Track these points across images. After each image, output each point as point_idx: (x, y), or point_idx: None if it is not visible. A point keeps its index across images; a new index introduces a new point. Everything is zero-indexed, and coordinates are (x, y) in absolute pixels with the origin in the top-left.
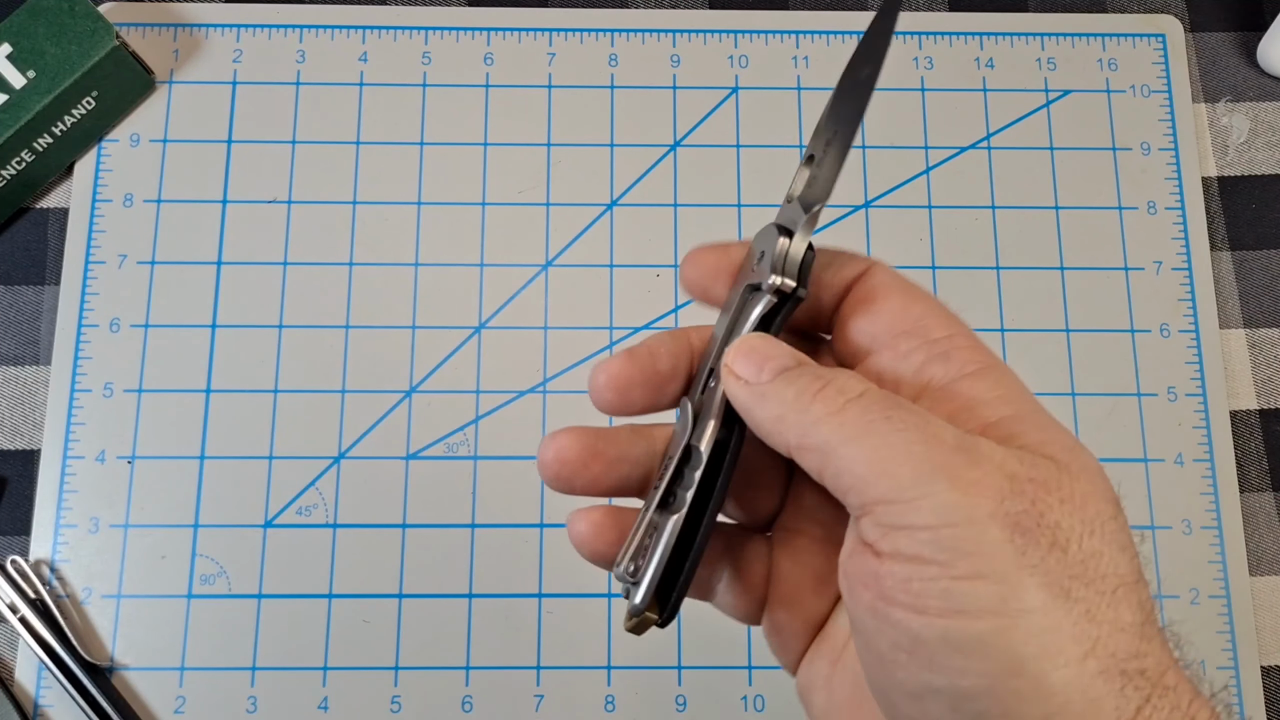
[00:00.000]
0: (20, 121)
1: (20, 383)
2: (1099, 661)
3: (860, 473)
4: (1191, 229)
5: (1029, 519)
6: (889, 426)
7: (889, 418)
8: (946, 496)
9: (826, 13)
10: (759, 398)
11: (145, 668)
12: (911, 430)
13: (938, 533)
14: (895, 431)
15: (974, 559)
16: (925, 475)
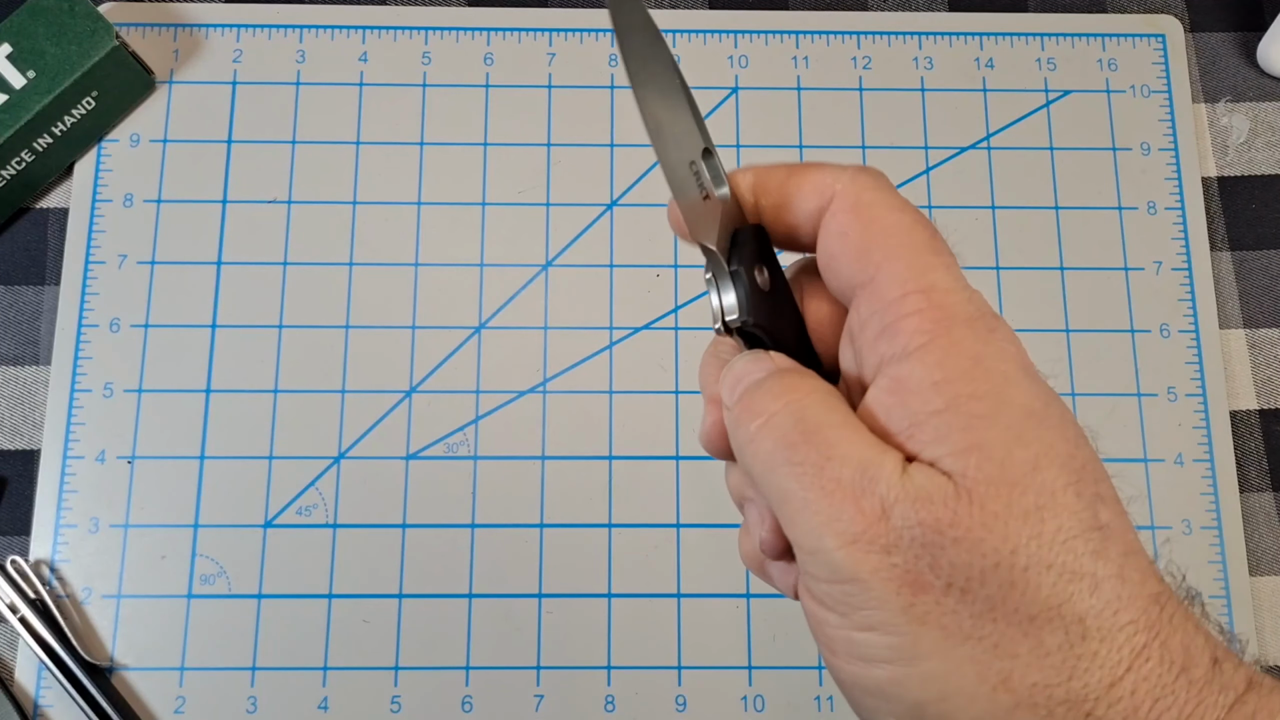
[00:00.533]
0: (20, 121)
1: (20, 383)
2: (1013, 695)
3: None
4: (1191, 229)
5: (920, 565)
6: (788, 472)
7: (790, 460)
8: (834, 555)
9: (826, 13)
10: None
11: (145, 668)
12: (808, 475)
13: (832, 587)
14: (793, 478)
15: (865, 613)
16: (816, 529)
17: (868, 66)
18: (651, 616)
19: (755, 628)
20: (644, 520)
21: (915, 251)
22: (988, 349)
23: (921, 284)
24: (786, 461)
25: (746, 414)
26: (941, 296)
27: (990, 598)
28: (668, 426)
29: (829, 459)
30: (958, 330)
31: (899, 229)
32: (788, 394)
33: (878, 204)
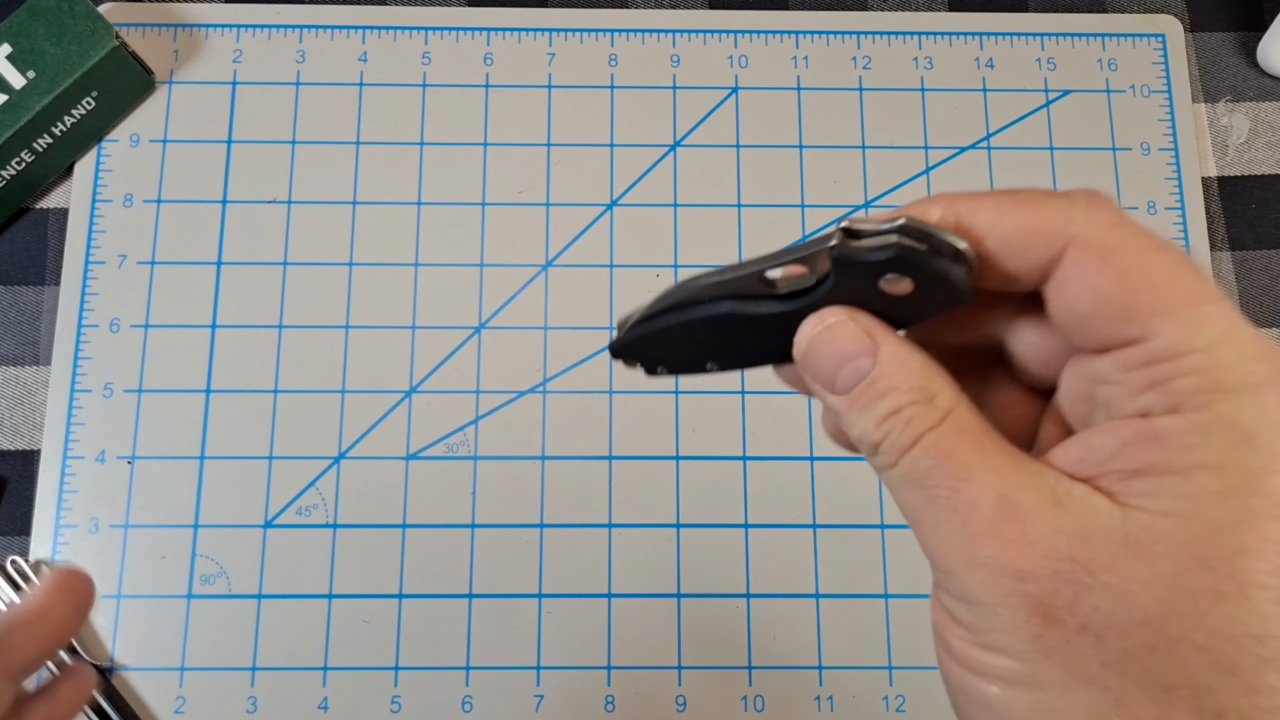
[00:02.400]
0: (20, 121)
1: (20, 383)
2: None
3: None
4: (1191, 229)
5: (1057, 600)
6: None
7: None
8: (963, 578)
9: (826, 13)
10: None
11: (145, 668)
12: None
13: (959, 604)
14: (929, 501)
15: (990, 634)
16: (948, 549)
17: (868, 66)
18: (652, 616)
19: (755, 628)
20: (644, 520)
21: (1189, 303)
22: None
23: (1201, 342)
24: (915, 483)
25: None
26: (1223, 355)
27: (1126, 652)
28: (668, 426)
29: (964, 482)
30: (1241, 398)
31: (1162, 278)
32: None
33: (1127, 247)
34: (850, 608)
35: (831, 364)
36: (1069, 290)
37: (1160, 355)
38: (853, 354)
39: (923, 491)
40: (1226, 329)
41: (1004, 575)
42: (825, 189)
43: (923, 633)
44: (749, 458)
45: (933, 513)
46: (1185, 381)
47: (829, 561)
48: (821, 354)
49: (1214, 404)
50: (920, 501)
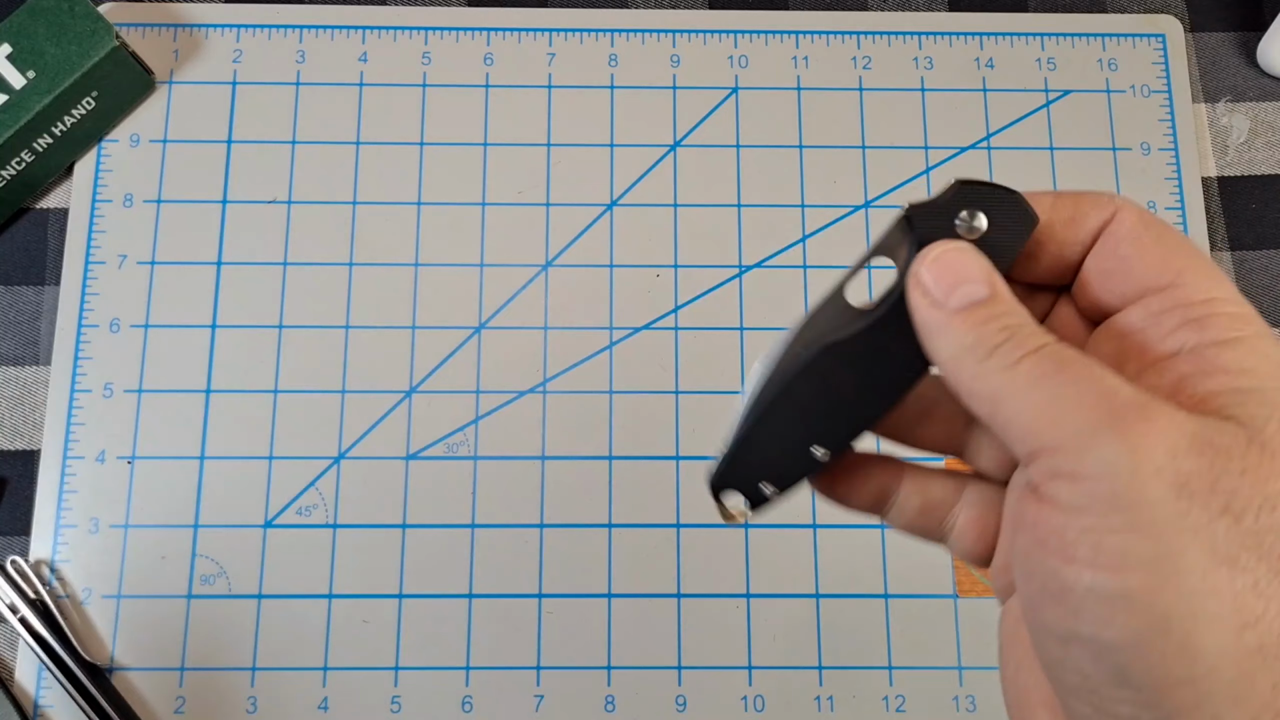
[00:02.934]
0: (20, 121)
1: (20, 383)
2: (1258, 637)
3: (1027, 422)
4: (1191, 229)
5: (1200, 481)
6: (1063, 378)
7: (1062, 370)
8: (1111, 448)
9: (826, 13)
10: (940, 328)
11: (145, 668)
12: (1085, 383)
13: (1098, 484)
14: (1069, 383)
15: (1130, 513)
16: (1093, 425)
17: (868, 66)
18: (651, 616)
19: (755, 628)
20: (644, 520)
21: (1208, 264)
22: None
23: (1227, 292)
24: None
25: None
26: (1245, 304)
27: (1260, 534)
28: (668, 426)
29: (1106, 375)
30: (1269, 338)
31: (1190, 244)
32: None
33: (1161, 222)
34: (850, 608)
35: (951, 280)
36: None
37: (1192, 298)
38: (973, 277)
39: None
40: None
41: (1158, 449)
42: (825, 189)
43: (923, 633)
44: None
45: (1072, 395)
46: (1222, 321)
47: (829, 561)
48: (945, 269)
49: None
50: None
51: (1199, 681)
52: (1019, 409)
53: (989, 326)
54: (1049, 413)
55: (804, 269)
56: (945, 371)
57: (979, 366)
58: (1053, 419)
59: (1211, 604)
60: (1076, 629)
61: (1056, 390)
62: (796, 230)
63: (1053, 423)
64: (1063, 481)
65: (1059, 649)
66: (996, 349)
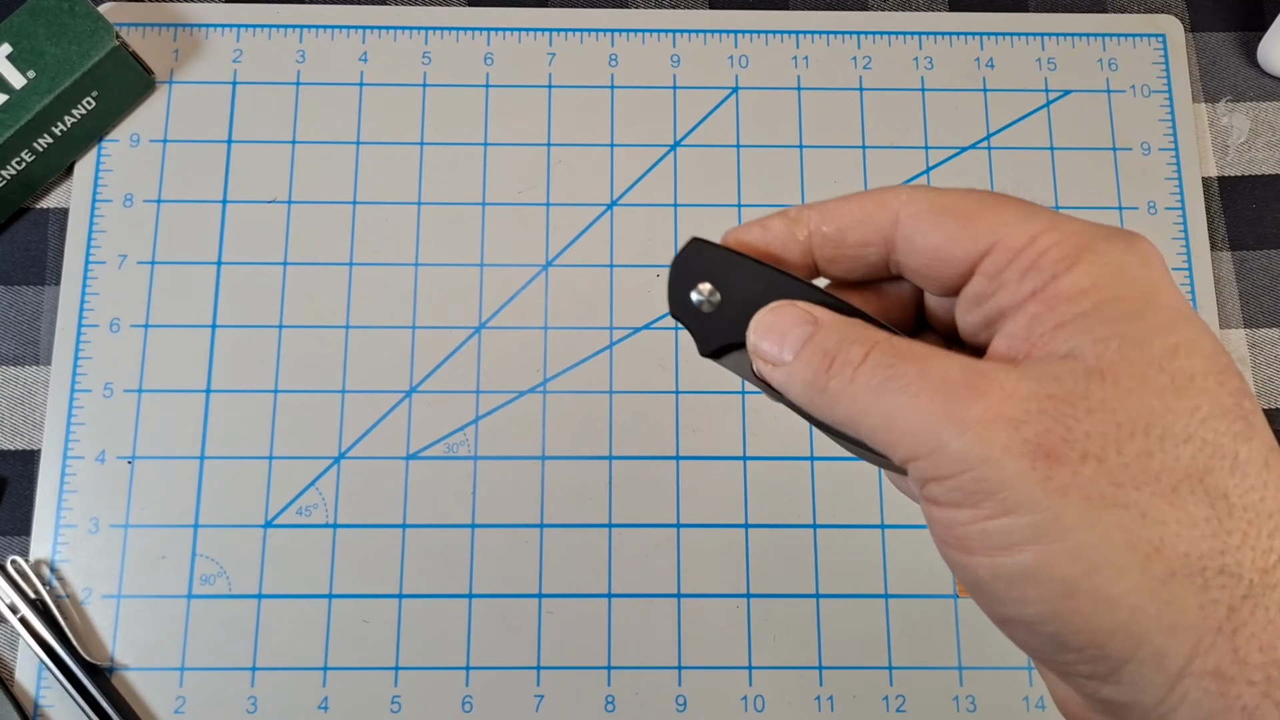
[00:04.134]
0: (20, 121)
1: (20, 383)
2: (1165, 564)
3: (883, 437)
4: (1191, 229)
5: (1052, 437)
6: (894, 387)
7: (891, 377)
8: (957, 442)
9: (826, 13)
10: (788, 380)
11: (145, 668)
12: (913, 383)
13: (960, 479)
14: (899, 391)
15: (998, 497)
16: (933, 427)
17: (868, 66)
18: (651, 616)
19: (755, 628)
20: (644, 520)
21: (1016, 206)
22: (1131, 258)
23: (1045, 223)
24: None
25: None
26: (1069, 224)
27: (1128, 466)
28: (668, 426)
29: (932, 364)
30: (1099, 245)
31: (986, 198)
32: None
33: (947, 194)
34: (850, 608)
35: (778, 336)
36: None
37: (1019, 246)
38: (790, 321)
39: (891, 386)
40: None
41: (998, 427)
42: (825, 189)
43: (923, 633)
44: (749, 458)
45: (909, 398)
46: (1051, 254)
47: (829, 561)
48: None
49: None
50: (892, 398)
51: (1128, 626)
52: (872, 425)
53: (815, 356)
54: (895, 425)
55: None
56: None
57: (827, 398)
58: (900, 431)
59: (1104, 553)
60: (1003, 613)
61: (893, 400)
62: None
63: (902, 434)
64: (933, 484)
65: (1005, 630)
66: (830, 373)
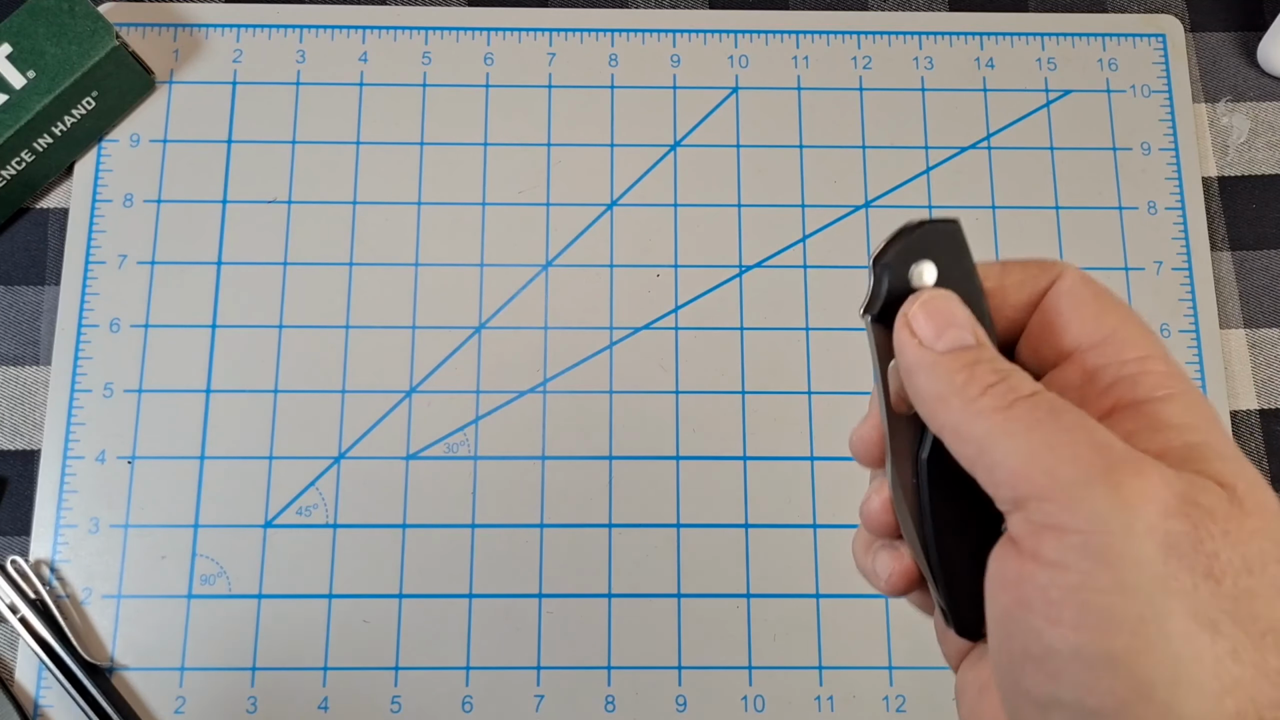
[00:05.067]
0: (20, 121)
1: (20, 383)
2: (1237, 703)
3: (1016, 467)
4: (1191, 229)
5: (1186, 542)
6: (1056, 425)
7: (1057, 418)
8: (1104, 502)
9: (826, 13)
10: (928, 366)
11: (145, 668)
12: (1079, 432)
13: (1088, 538)
14: (1062, 431)
15: (1118, 572)
16: (1086, 477)
17: (868, 66)
18: (651, 616)
19: (755, 628)
20: (644, 520)
21: (1142, 324)
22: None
23: (1159, 350)
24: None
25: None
26: (1176, 365)
27: (1238, 598)
28: (668, 426)
29: (1096, 428)
30: (1198, 394)
31: (1124, 305)
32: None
33: (1099, 284)
34: (850, 608)
35: (940, 323)
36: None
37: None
38: (960, 322)
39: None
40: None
41: (1150, 507)
42: (825, 189)
43: (923, 632)
44: (749, 458)
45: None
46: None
47: (829, 561)
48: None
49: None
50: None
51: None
52: (1009, 451)
53: (981, 368)
54: (1042, 459)
55: (804, 269)
56: (928, 411)
57: (970, 406)
58: (1045, 466)
59: (1194, 669)
60: (1058, 694)
61: (1050, 437)
62: (796, 230)
63: (1045, 470)
64: (1049, 534)
65: (1037, 715)
66: (990, 389)
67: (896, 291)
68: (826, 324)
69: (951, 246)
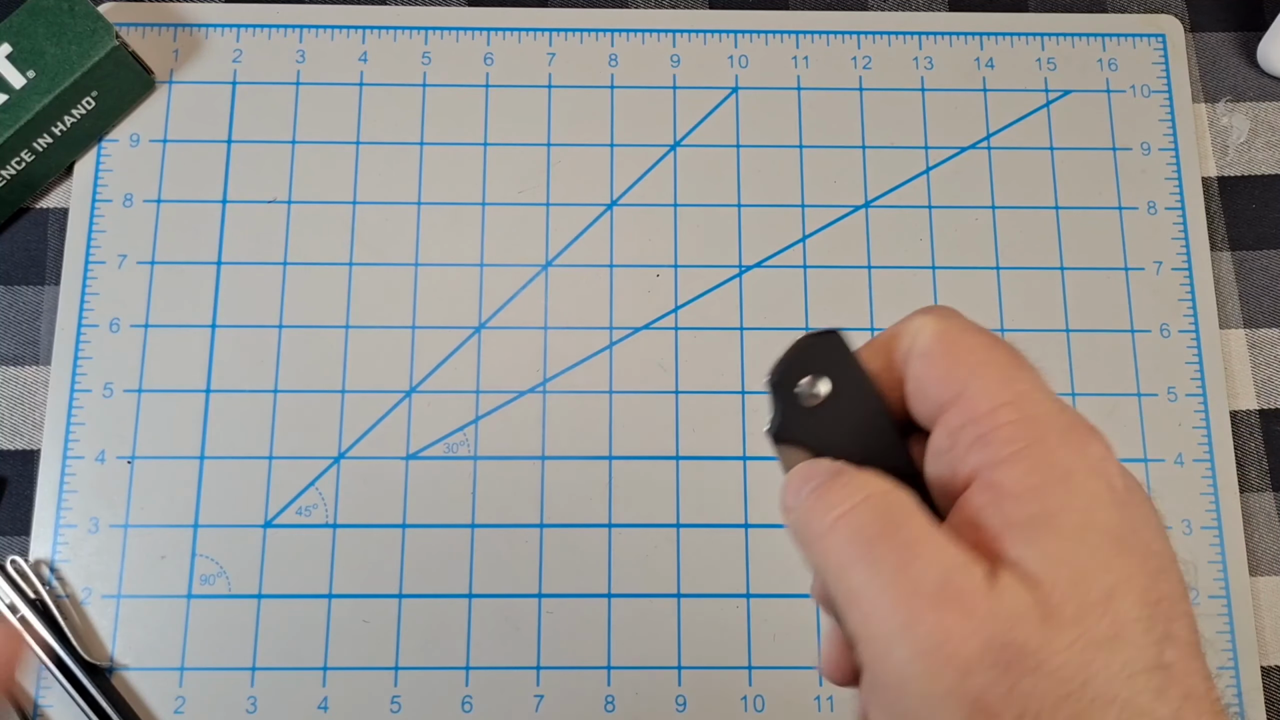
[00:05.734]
0: (20, 121)
1: (20, 383)
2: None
3: (842, 604)
4: (1191, 229)
5: (995, 693)
6: (864, 571)
7: (868, 556)
8: (907, 668)
9: (826, 13)
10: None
11: (145, 668)
12: (886, 575)
13: (895, 699)
14: (870, 577)
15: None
16: (890, 637)
17: (868, 66)
18: (651, 616)
19: (755, 628)
20: (644, 520)
21: (999, 367)
22: (1080, 463)
23: (1010, 395)
24: (863, 559)
25: (820, 505)
26: (1032, 406)
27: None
28: (668, 426)
29: (913, 559)
30: (1051, 440)
31: (979, 347)
32: (868, 488)
33: (954, 329)
34: None
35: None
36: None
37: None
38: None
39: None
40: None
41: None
42: (825, 189)
43: None
44: (749, 458)
45: (877, 583)
46: (1003, 433)
47: None
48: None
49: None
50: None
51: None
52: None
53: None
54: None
55: (804, 269)
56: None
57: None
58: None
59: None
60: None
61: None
62: (796, 230)
63: (859, 618)
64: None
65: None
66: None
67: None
68: (826, 323)
69: (836, 354)
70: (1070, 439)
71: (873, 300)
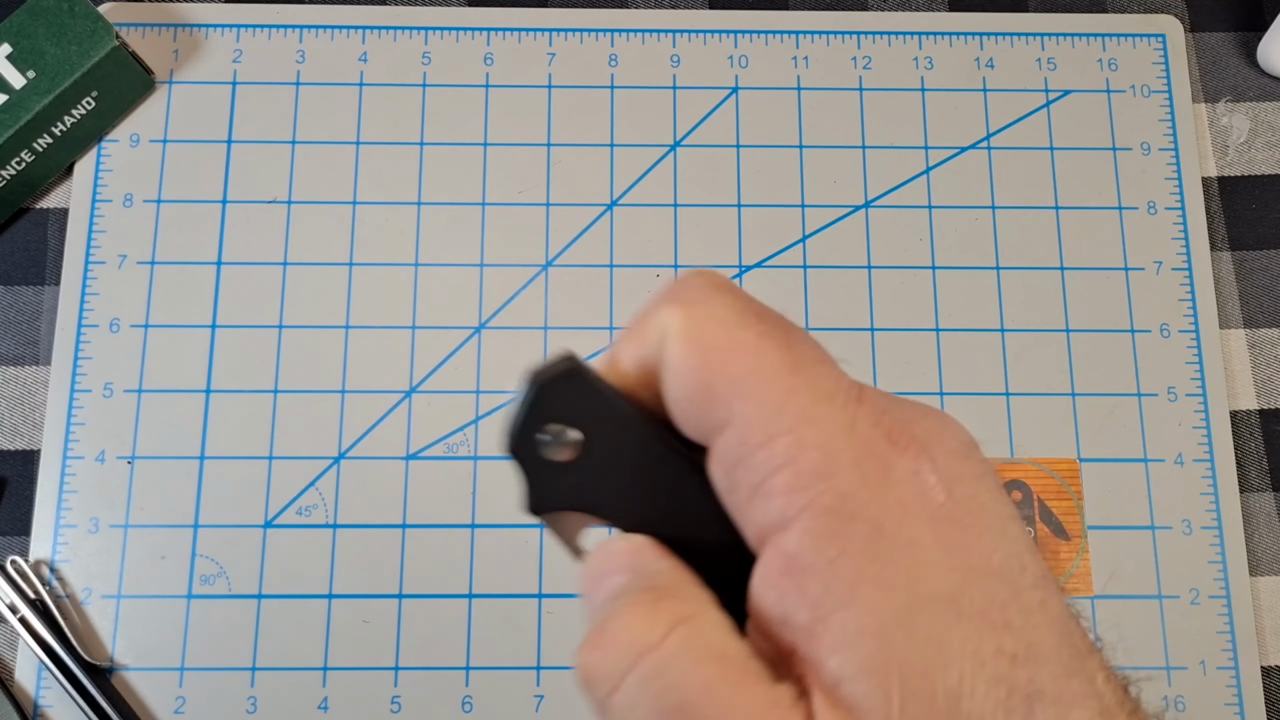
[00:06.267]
0: (20, 121)
1: (20, 383)
2: None
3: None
4: (1191, 229)
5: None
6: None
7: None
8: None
9: (826, 13)
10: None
11: (145, 668)
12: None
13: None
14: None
15: None
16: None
17: (868, 66)
18: None
19: None
20: None
21: (768, 378)
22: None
23: (787, 421)
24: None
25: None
26: (814, 434)
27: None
28: None
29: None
30: (842, 479)
31: (742, 351)
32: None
33: (706, 328)
34: None
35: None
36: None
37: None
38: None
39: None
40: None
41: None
42: (825, 189)
43: None
44: None
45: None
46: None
47: None
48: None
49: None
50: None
51: None
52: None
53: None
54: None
55: (804, 269)
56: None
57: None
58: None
59: None
60: None
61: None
62: (796, 230)
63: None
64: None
65: None
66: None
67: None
68: (826, 324)
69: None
70: (868, 469)
71: (873, 300)
